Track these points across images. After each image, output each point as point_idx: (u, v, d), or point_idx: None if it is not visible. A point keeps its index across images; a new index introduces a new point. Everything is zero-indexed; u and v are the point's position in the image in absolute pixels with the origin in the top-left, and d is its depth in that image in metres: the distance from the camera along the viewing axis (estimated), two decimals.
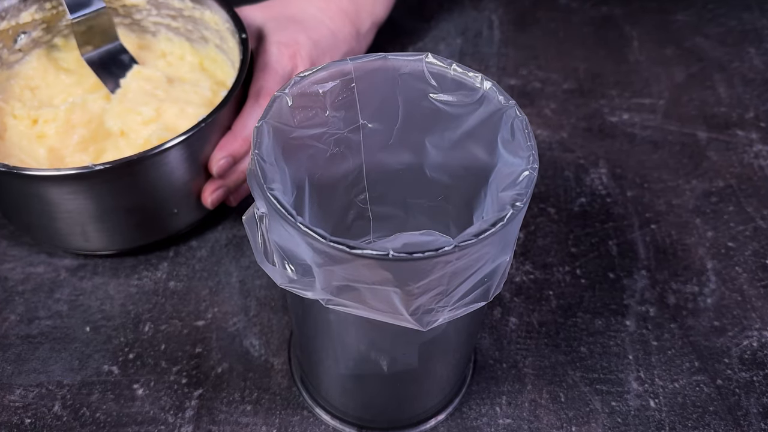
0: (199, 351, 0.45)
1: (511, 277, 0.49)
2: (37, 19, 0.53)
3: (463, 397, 0.43)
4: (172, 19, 0.55)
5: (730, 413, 0.42)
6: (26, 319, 0.47)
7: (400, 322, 0.29)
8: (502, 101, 0.32)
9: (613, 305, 0.47)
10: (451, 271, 0.27)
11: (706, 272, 0.49)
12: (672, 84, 0.63)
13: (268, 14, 0.54)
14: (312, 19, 0.54)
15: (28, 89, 0.54)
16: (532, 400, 0.43)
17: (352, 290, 0.28)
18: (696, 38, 0.68)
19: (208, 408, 0.42)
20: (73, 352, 0.45)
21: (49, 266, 0.50)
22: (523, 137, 0.31)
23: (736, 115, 0.61)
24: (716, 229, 0.52)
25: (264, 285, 0.48)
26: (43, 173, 0.42)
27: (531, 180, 0.29)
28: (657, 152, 0.58)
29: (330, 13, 0.55)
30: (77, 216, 0.45)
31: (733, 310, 0.47)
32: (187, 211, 0.49)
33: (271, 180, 0.29)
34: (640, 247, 0.51)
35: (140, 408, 0.42)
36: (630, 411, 0.42)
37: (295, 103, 0.33)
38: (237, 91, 0.46)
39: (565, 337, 0.46)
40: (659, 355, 0.45)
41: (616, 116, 0.60)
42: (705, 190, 0.55)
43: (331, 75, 0.34)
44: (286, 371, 0.44)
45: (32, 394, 0.43)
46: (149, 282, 0.49)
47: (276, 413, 0.42)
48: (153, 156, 0.43)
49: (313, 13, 0.54)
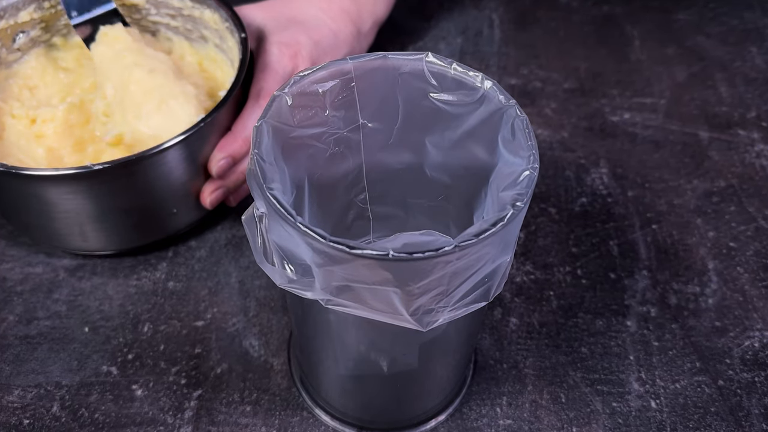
0: (199, 351, 0.45)
1: (512, 278, 0.49)
2: (35, 18, 0.53)
3: (463, 397, 0.43)
4: (172, 18, 0.55)
5: (732, 414, 0.42)
6: (25, 320, 0.47)
7: (400, 322, 0.29)
8: (503, 101, 0.32)
9: (614, 305, 0.47)
10: (451, 271, 0.27)
11: (707, 272, 0.49)
12: (673, 83, 0.63)
13: (269, 14, 0.54)
14: (313, 19, 0.53)
15: (26, 89, 0.54)
16: (532, 401, 0.43)
17: (351, 290, 0.28)
18: (697, 37, 0.68)
19: (207, 409, 0.42)
20: (72, 352, 0.45)
21: (47, 266, 0.50)
22: (524, 137, 0.31)
23: (738, 114, 0.61)
24: (718, 229, 0.52)
25: (263, 285, 0.48)
26: (42, 173, 0.42)
27: (531, 180, 0.29)
28: (658, 152, 0.58)
29: (331, 13, 0.54)
30: (76, 216, 0.45)
31: (734, 311, 0.47)
32: (186, 211, 0.49)
33: (271, 180, 0.29)
34: (641, 247, 0.51)
35: (139, 409, 0.42)
36: (631, 412, 0.42)
37: (294, 103, 0.33)
38: (236, 91, 0.46)
39: (565, 337, 0.46)
40: (660, 355, 0.45)
41: (617, 116, 0.60)
42: (706, 190, 0.55)
43: (330, 74, 0.34)
44: (286, 372, 0.44)
45: (31, 395, 0.43)
46: (148, 282, 0.49)
47: (275, 414, 0.42)
48: (151, 156, 0.43)
49: (314, 14, 0.54)
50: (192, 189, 0.48)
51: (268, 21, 0.53)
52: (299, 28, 0.52)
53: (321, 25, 0.53)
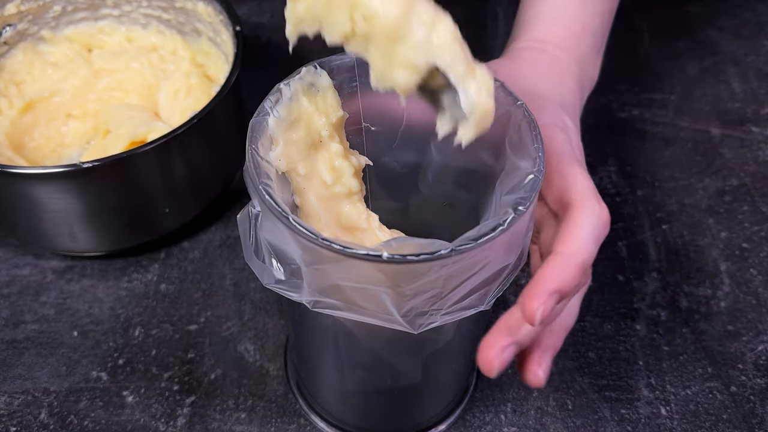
0: (192, 356, 0.45)
1: (517, 280, 0.48)
2: (23, 10, 0.53)
3: (466, 404, 0.43)
4: (164, 11, 0.55)
5: (745, 421, 0.42)
6: (11, 324, 0.46)
7: (391, 324, 0.29)
8: (510, 101, 0.32)
9: (622, 309, 0.47)
10: (446, 274, 0.27)
11: (719, 274, 0.49)
12: (684, 78, 0.63)
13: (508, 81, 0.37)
14: (556, 94, 0.41)
15: (13, 84, 0.54)
16: (538, 408, 0.43)
17: (341, 291, 0.28)
18: (709, 30, 0.68)
19: (200, 416, 0.42)
20: (60, 357, 0.45)
21: (35, 268, 0.49)
22: (531, 139, 0.31)
23: (751, 110, 0.61)
24: (730, 229, 0.52)
25: (259, 288, 0.48)
26: (29, 171, 0.42)
27: (536, 183, 0.29)
28: (668, 149, 0.58)
29: (568, 87, 0.42)
30: (64, 216, 0.45)
31: (747, 314, 0.47)
32: (179, 210, 0.49)
33: (266, 176, 0.29)
34: (650, 249, 0.51)
35: (130, 416, 0.42)
36: (640, 419, 0.42)
37: None
38: (231, 87, 0.46)
39: (572, 342, 0.46)
40: (671, 360, 0.45)
41: (625, 112, 0.60)
42: (718, 189, 0.55)
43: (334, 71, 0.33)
44: (282, 377, 0.44)
45: (18, 402, 0.43)
46: (139, 284, 0.49)
47: (271, 421, 0.42)
48: (143, 153, 0.43)
49: (555, 89, 0.41)
50: (185, 187, 0.47)
51: None
52: (557, 108, 0.38)
53: (568, 105, 0.40)
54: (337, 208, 0.34)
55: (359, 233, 0.35)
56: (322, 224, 0.34)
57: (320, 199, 0.34)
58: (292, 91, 0.32)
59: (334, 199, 0.34)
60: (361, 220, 0.34)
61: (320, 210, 0.33)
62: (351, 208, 0.34)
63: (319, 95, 0.33)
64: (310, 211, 0.34)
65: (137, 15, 0.56)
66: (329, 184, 0.34)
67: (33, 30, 0.54)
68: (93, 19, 0.55)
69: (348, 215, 0.34)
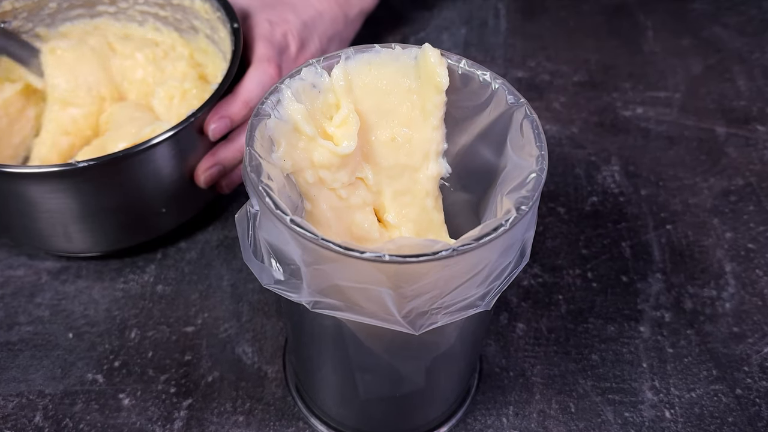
0: (189, 359, 0.45)
1: (519, 281, 0.49)
2: (18, 7, 0.53)
3: (467, 407, 0.43)
4: (160, 8, 0.55)
5: (750, 424, 0.42)
6: (5, 325, 0.46)
7: (392, 324, 0.29)
8: (512, 100, 0.32)
9: (626, 310, 0.47)
10: (447, 274, 0.27)
11: (724, 275, 0.49)
12: (688, 76, 0.63)
13: None
14: (299, 1, 0.56)
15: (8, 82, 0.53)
16: (540, 411, 0.43)
17: (341, 292, 0.28)
18: (714, 28, 0.68)
19: (198, 419, 0.42)
20: (55, 359, 0.45)
21: (29, 269, 0.49)
22: (534, 138, 0.31)
23: (757, 109, 0.61)
24: (735, 229, 0.52)
25: (257, 289, 0.48)
26: (23, 170, 0.42)
27: (538, 183, 0.29)
28: (673, 148, 0.58)
29: None
30: (59, 216, 0.45)
31: (753, 316, 0.47)
32: (176, 210, 0.49)
33: (265, 175, 0.29)
34: (655, 249, 0.51)
35: (126, 419, 0.42)
36: (644, 422, 0.42)
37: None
38: (229, 85, 0.46)
39: (575, 343, 0.46)
40: (675, 362, 0.45)
41: (629, 110, 0.60)
42: (723, 189, 0.55)
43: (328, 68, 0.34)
44: (281, 380, 0.44)
45: (12, 404, 0.43)
46: (136, 286, 0.49)
47: (270, 424, 0.42)
48: (139, 152, 0.43)
49: None
50: (182, 187, 0.47)
51: (254, 2, 0.54)
52: (286, 7, 0.54)
53: (307, 6, 0.55)
54: (349, 217, 0.35)
55: (370, 244, 0.36)
56: (332, 232, 0.35)
57: (332, 208, 0.35)
58: (293, 91, 0.32)
59: (346, 209, 0.35)
60: (373, 230, 0.36)
61: (331, 218, 0.35)
62: (363, 218, 0.36)
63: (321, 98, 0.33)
64: (321, 218, 0.34)
65: (134, 12, 0.55)
66: (344, 197, 0.35)
67: (28, 27, 0.54)
68: (89, 16, 0.55)
69: (360, 225, 0.36)
